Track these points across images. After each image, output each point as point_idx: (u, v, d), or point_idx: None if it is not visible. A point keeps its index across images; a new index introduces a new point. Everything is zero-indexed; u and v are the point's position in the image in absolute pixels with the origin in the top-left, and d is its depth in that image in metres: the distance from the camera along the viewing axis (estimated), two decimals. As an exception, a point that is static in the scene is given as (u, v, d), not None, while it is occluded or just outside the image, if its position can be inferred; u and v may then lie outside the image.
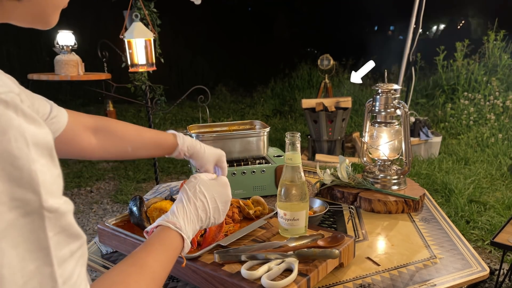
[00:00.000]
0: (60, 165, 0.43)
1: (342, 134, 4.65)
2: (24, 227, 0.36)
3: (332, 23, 11.16)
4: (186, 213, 0.76)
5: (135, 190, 3.97)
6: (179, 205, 0.77)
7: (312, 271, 0.84)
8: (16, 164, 0.35)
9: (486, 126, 5.22)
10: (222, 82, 9.07)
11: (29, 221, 0.37)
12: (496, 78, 5.76)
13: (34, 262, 0.37)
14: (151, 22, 2.69)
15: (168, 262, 0.68)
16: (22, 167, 0.35)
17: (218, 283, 0.84)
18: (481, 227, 2.91)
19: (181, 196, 0.80)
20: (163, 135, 0.95)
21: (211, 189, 0.83)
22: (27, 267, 0.37)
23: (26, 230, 0.37)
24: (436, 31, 11.33)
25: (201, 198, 0.80)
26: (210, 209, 0.81)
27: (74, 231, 0.43)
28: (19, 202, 0.36)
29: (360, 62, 8.67)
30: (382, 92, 1.41)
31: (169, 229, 0.72)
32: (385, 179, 1.43)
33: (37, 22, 0.54)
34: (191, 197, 0.79)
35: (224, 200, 0.84)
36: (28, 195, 0.36)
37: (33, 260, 0.37)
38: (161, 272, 0.65)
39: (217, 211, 0.82)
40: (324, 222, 1.27)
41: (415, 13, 4.12)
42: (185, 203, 0.78)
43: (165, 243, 0.70)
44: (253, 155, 1.50)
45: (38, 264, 0.38)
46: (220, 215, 0.84)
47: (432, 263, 1.00)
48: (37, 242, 0.38)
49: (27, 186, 0.36)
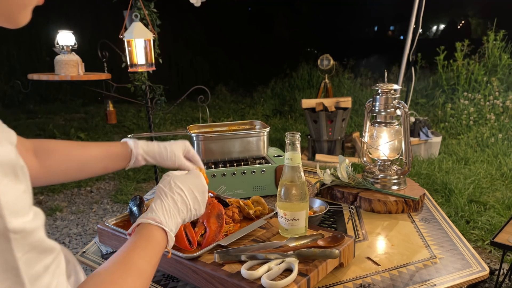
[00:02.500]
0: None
1: (342, 134, 4.65)
2: None
3: (332, 23, 11.17)
4: (165, 208, 0.76)
5: (135, 190, 3.97)
6: (157, 202, 0.78)
7: (312, 271, 0.84)
8: None
9: (486, 126, 5.22)
10: (222, 82, 9.07)
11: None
12: (496, 78, 5.76)
13: (3, 283, 0.37)
14: (151, 22, 2.69)
15: (152, 257, 0.68)
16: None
17: (218, 283, 0.84)
18: (481, 227, 2.91)
19: (158, 193, 0.80)
20: (113, 145, 0.91)
21: (186, 182, 0.83)
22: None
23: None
24: (436, 31, 11.33)
25: (178, 192, 0.80)
26: (189, 201, 0.81)
27: (45, 246, 0.42)
28: None
29: (360, 62, 8.68)
30: (382, 92, 1.41)
31: (149, 225, 0.73)
32: (385, 179, 1.43)
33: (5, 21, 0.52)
34: (167, 192, 0.79)
35: (201, 190, 0.85)
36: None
37: (2, 281, 0.37)
38: (146, 267, 0.65)
39: (196, 202, 0.83)
40: (324, 222, 1.27)
41: (415, 13, 4.12)
42: (163, 198, 0.78)
43: (147, 239, 0.70)
44: (253, 155, 1.50)
45: (8, 284, 0.38)
46: (200, 206, 0.84)
47: (432, 263, 1.00)
48: (6, 264, 0.37)
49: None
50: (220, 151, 1.47)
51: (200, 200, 0.84)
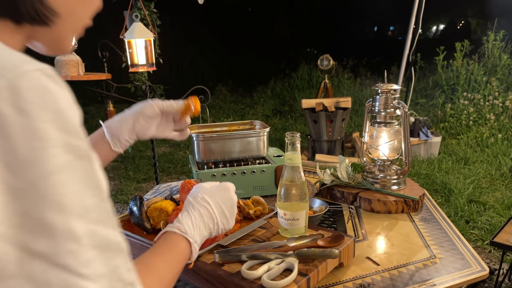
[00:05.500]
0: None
1: (342, 134, 4.65)
2: (80, 167, 0.42)
3: (332, 23, 11.17)
4: (191, 220, 0.77)
5: (135, 190, 3.97)
6: (184, 213, 0.78)
7: (312, 271, 0.84)
8: (66, 117, 0.42)
9: (486, 126, 5.23)
10: (222, 82, 9.07)
11: (83, 163, 0.43)
12: (496, 78, 5.76)
13: (93, 197, 0.43)
14: (151, 23, 2.70)
15: (175, 264, 0.69)
16: (70, 120, 0.42)
17: (218, 283, 0.84)
18: (481, 227, 2.91)
19: (186, 205, 0.81)
20: (94, 135, 0.93)
21: (214, 195, 0.82)
22: (86, 200, 0.42)
23: (82, 170, 0.42)
24: (436, 31, 11.34)
25: (205, 205, 0.80)
26: (216, 215, 0.81)
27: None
28: (72, 147, 0.41)
29: (360, 62, 8.69)
30: (382, 92, 1.41)
31: (174, 234, 0.74)
32: (385, 179, 1.43)
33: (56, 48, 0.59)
34: (195, 205, 0.80)
35: (229, 204, 0.83)
36: (77, 141, 0.42)
37: (92, 196, 0.43)
38: (168, 273, 0.66)
39: (223, 216, 0.82)
40: (324, 222, 1.27)
41: (415, 13, 4.13)
42: (190, 211, 0.79)
43: (171, 247, 0.72)
44: (253, 155, 1.50)
45: (97, 200, 0.43)
46: (228, 220, 0.83)
47: (432, 263, 1.01)
48: (94, 181, 0.44)
49: (75, 134, 0.42)
50: (220, 151, 1.47)
51: (228, 215, 0.83)
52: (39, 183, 0.39)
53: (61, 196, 0.40)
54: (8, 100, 0.38)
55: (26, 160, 0.38)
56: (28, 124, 0.38)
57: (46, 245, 0.38)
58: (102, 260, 0.42)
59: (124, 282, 0.45)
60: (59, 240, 0.39)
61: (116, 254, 0.44)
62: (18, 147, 0.38)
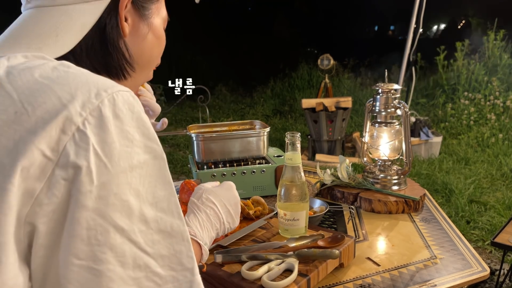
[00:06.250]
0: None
1: (342, 134, 4.65)
2: (155, 166, 0.50)
3: (332, 23, 11.17)
4: (199, 222, 0.78)
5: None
6: (191, 216, 0.79)
7: (312, 272, 0.84)
8: (146, 125, 0.50)
9: (487, 126, 5.22)
10: (222, 82, 9.06)
11: (157, 162, 0.50)
12: (497, 78, 5.76)
13: (164, 190, 0.50)
14: (151, 22, 2.69)
15: None
16: (148, 128, 0.50)
17: (218, 283, 0.84)
18: (482, 227, 2.91)
19: (191, 208, 0.82)
20: None
21: (218, 195, 0.84)
22: (158, 192, 0.49)
23: (156, 168, 0.50)
24: (436, 31, 11.33)
25: (210, 206, 0.82)
26: (222, 214, 0.82)
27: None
28: (149, 149, 0.49)
29: (360, 62, 8.68)
30: (383, 92, 1.41)
31: None
32: (386, 179, 1.43)
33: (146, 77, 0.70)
34: (200, 207, 0.81)
35: (233, 202, 0.86)
36: (154, 145, 0.50)
37: (163, 189, 0.50)
38: None
39: (229, 215, 0.84)
40: (324, 222, 1.27)
41: (416, 13, 4.12)
42: (196, 212, 0.80)
43: None
44: (253, 155, 1.50)
45: (166, 193, 0.50)
46: (233, 219, 0.85)
47: (433, 263, 1.00)
48: (165, 178, 0.51)
49: (153, 139, 0.50)
50: (220, 151, 1.46)
51: (233, 213, 0.85)
52: (126, 172, 0.47)
53: (140, 185, 0.48)
54: (110, 107, 0.48)
55: (119, 153, 0.47)
56: (121, 126, 0.48)
57: (125, 222, 0.46)
58: (166, 243, 0.49)
59: (184, 267, 0.51)
60: (135, 221, 0.47)
61: (178, 241, 0.51)
62: (115, 142, 0.47)
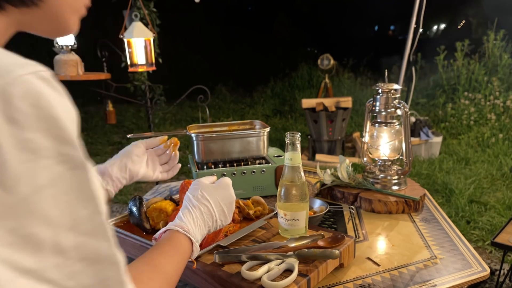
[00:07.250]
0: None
1: (343, 134, 4.64)
2: (73, 178, 0.40)
3: (332, 23, 11.16)
4: (193, 218, 0.78)
5: (134, 190, 3.96)
6: (185, 211, 0.79)
7: (312, 272, 0.83)
8: (60, 125, 0.39)
9: (487, 126, 5.22)
10: (222, 82, 9.06)
11: (77, 173, 0.41)
12: (497, 78, 5.76)
13: (85, 209, 0.41)
14: (151, 22, 2.69)
15: (179, 265, 0.70)
16: (64, 128, 0.40)
17: (218, 283, 0.84)
18: (482, 227, 2.90)
19: (186, 203, 0.82)
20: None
21: (214, 193, 0.84)
22: (79, 212, 0.40)
23: (75, 181, 0.40)
24: (436, 31, 11.33)
25: (205, 203, 0.82)
26: (215, 213, 0.82)
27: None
28: (65, 156, 0.40)
29: (360, 62, 8.68)
30: (383, 92, 1.40)
31: (178, 233, 0.74)
32: (386, 179, 1.43)
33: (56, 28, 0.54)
34: (195, 203, 0.81)
35: (228, 201, 0.85)
36: (71, 151, 0.40)
37: (84, 208, 0.41)
38: (173, 273, 0.67)
39: (222, 213, 0.84)
40: (324, 223, 1.26)
41: (416, 13, 4.12)
42: (191, 209, 0.80)
43: (175, 246, 0.72)
44: (253, 155, 1.49)
45: (89, 211, 0.41)
46: (226, 217, 0.85)
47: (433, 263, 1.00)
48: (88, 192, 0.42)
49: (70, 143, 0.40)
50: (220, 151, 1.46)
51: (227, 212, 0.85)
52: (30, 198, 0.37)
53: (51, 209, 0.38)
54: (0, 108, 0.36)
55: (16, 174, 0.36)
56: (18, 135, 0.36)
57: (34, 261, 0.37)
58: (90, 271, 0.41)
59: None
60: (46, 255, 0.38)
61: (105, 267, 0.43)
62: (8, 161, 0.36)
